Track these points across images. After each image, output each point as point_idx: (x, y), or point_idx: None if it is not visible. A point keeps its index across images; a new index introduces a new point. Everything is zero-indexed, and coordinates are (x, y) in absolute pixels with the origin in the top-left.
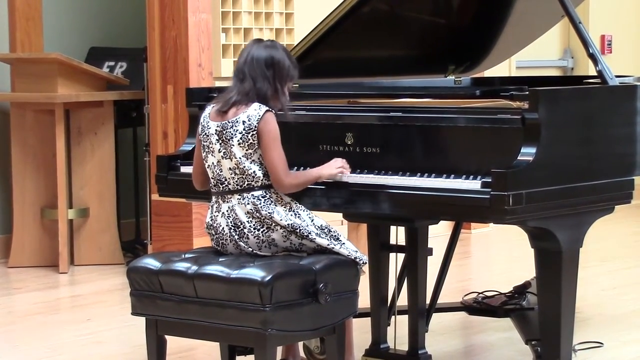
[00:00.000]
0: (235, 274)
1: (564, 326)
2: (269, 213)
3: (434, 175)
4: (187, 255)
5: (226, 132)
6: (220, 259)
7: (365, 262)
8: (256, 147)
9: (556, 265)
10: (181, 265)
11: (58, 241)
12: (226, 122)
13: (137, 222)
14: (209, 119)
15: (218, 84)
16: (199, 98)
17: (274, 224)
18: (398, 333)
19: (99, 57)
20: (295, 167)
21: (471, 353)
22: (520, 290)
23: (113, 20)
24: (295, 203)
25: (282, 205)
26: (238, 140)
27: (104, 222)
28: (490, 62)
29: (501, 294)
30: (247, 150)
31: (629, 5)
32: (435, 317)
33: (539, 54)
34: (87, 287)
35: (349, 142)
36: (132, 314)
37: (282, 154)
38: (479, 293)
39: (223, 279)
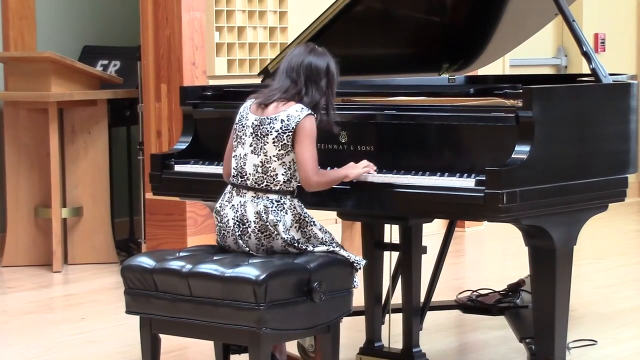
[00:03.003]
0: (229, 272)
1: (558, 324)
2: (275, 220)
3: (428, 173)
4: (181, 254)
5: (263, 127)
6: (214, 258)
7: (361, 268)
8: (289, 148)
9: (550, 263)
10: (175, 264)
11: (52, 240)
12: (265, 117)
13: (131, 221)
14: (249, 111)
15: (212, 82)
16: (192, 96)
17: (276, 233)
18: (392, 331)
19: (93, 55)
20: None
21: (465, 351)
22: (514, 288)
23: (107, 19)
24: (307, 215)
25: (292, 215)
26: (273, 139)
27: (98, 221)
28: (484, 61)
29: (495, 292)
30: (279, 150)
31: (622, 4)
32: (430, 316)
33: (532, 52)
34: (81, 286)
35: (343, 141)
36: (126, 312)
37: (315, 152)
38: (473, 291)
39: (217, 278)
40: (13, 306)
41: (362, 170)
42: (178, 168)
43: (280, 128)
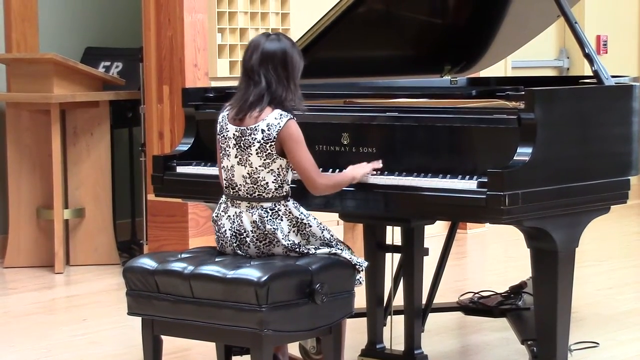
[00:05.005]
0: (231, 274)
1: (560, 326)
2: (273, 228)
3: (430, 175)
4: (183, 255)
5: (245, 139)
6: (216, 259)
7: (363, 270)
8: (274, 157)
9: (552, 265)
10: (177, 265)
11: (54, 241)
12: (245, 128)
13: (133, 223)
14: (227, 121)
15: (214, 84)
16: (194, 98)
17: (275, 240)
18: (394, 333)
19: (95, 57)
20: None
21: (467, 353)
22: (516, 290)
23: (109, 20)
24: (306, 217)
25: (288, 220)
26: (256, 150)
27: (100, 223)
28: (486, 62)
29: (497, 294)
30: (264, 160)
31: (625, 6)
32: (432, 317)
33: (534, 54)
34: (83, 287)
35: (345, 142)
36: (128, 314)
37: (310, 156)
38: (475, 293)
39: (219, 279)
40: (15, 307)
41: (368, 169)
42: (180, 169)
43: (262, 138)
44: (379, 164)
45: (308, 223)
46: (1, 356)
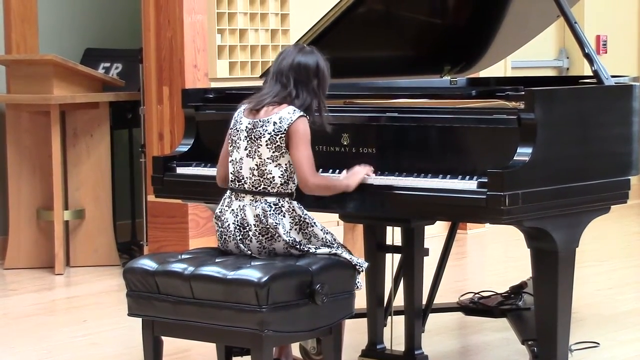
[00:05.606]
0: (231, 274)
1: (560, 326)
2: (275, 223)
3: (430, 175)
4: (183, 256)
5: (256, 130)
6: (217, 260)
7: (363, 270)
8: (283, 150)
9: (552, 265)
10: (177, 266)
11: (54, 242)
12: (257, 120)
13: (133, 224)
14: (242, 115)
15: (214, 84)
16: (194, 99)
17: (277, 235)
18: (394, 333)
19: (95, 58)
20: None
21: (467, 353)
22: (517, 290)
23: (108, 21)
24: (309, 218)
25: (291, 217)
26: (266, 141)
27: (100, 224)
28: (486, 63)
29: (497, 294)
30: (273, 152)
31: (624, 6)
32: (432, 318)
33: (534, 54)
34: (83, 288)
35: (345, 143)
36: (129, 314)
37: (310, 154)
38: (475, 293)
39: (219, 280)
40: (15, 309)
41: (362, 176)
42: (180, 170)
43: (273, 130)
44: (370, 169)
45: (311, 223)
46: (2, 357)
